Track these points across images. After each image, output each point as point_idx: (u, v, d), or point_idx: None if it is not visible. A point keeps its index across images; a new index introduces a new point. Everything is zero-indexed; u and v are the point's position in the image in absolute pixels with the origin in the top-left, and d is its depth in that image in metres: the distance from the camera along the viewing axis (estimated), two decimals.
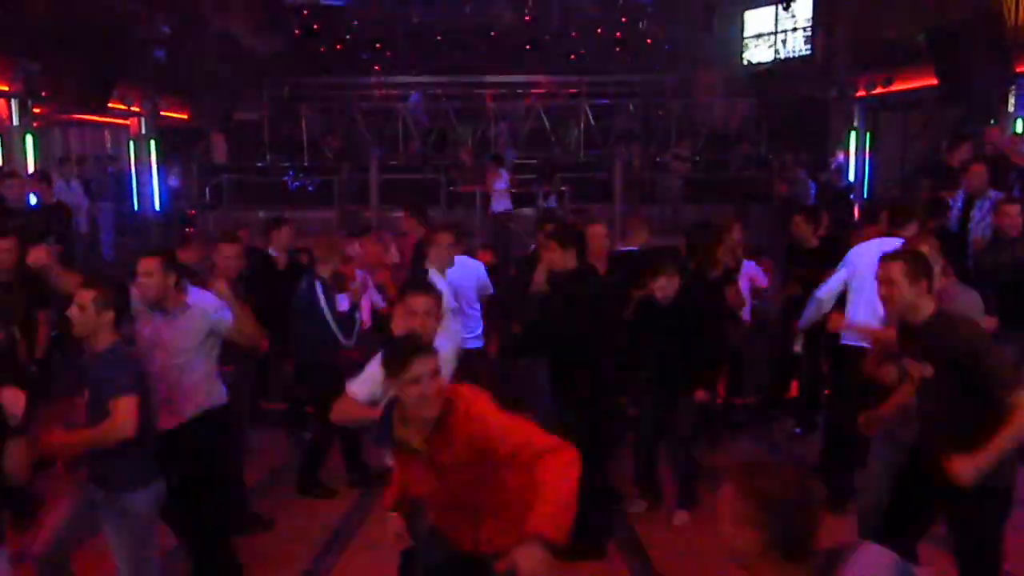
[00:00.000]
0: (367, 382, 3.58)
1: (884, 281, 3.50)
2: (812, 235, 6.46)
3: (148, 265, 4.01)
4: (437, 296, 3.77)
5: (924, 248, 4.01)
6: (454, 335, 4.39)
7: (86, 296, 3.51)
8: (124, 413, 3.38)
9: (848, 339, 5.26)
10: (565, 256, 4.89)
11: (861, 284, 5.07)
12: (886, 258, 3.53)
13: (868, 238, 5.56)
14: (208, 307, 4.20)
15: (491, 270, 6.43)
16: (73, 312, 3.52)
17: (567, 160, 16.87)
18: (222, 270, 5.12)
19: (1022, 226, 5.93)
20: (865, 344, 4.85)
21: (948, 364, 3.39)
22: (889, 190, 13.34)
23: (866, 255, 5.11)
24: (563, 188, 14.32)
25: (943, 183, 7.77)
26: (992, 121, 10.84)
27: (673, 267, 5.20)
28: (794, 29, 17.61)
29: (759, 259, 7.22)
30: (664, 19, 20.64)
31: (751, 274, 6.81)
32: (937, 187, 8.01)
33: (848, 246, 5.65)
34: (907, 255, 3.55)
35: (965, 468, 3.22)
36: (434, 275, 5.19)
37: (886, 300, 3.53)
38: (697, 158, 16.66)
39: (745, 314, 6.59)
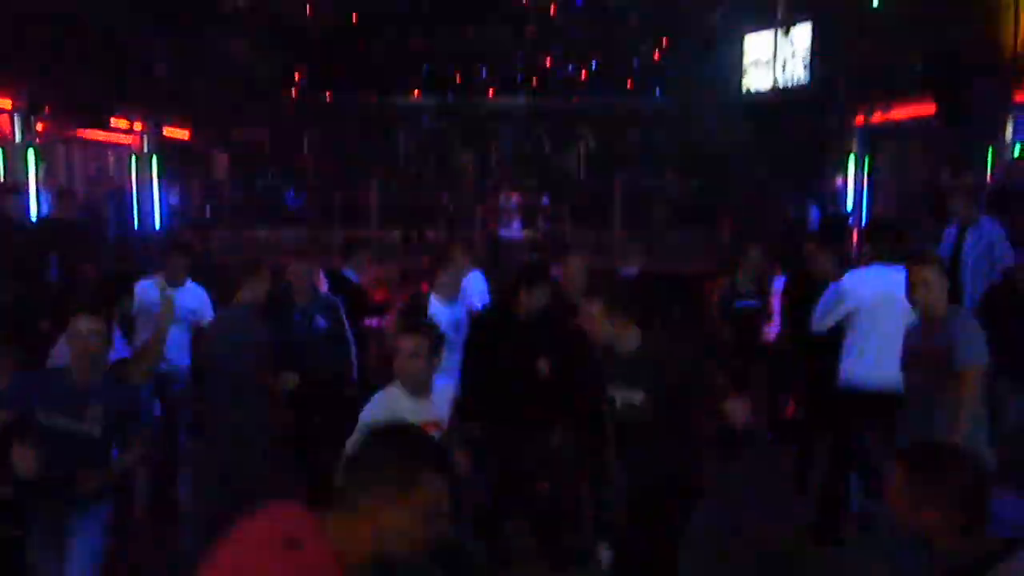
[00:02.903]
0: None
1: (587, 321, 3.82)
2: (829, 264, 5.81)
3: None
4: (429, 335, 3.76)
5: (928, 273, 4.03)
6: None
7: (83, 323, 3.62)
8: (141, 449, 3.73)
9: (848, 379, 5.00)
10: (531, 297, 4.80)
11: (870, 323, 4.89)
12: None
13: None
14: None
15: None
16: (94, 340, 3.61)
17: (568, 183, 16.97)
18: None
19: None
20: (867, 388, 4.81)
21: (659, 392, 3.64)
22: (887, 215, 13.40)
23: (871, 286, 4.96)
24: (560, 210, 14.40)
25: (942, 210, 7.82)
26: (990, 147, 10.91)
27: None
28: (793, 56, 17.74)
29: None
30: (664, 45, 20.80)
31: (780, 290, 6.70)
32: (937, 214, 8.07)
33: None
34: (604, 296, 3.83)
35: None
36: (436, 304, 5.18)
37: (597, 338, 3.85)
38: (697, 183, 16.74)
39: (773, 332, 6.58)
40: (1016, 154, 10.61)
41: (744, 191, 16.19)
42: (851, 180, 15.25)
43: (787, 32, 16.93)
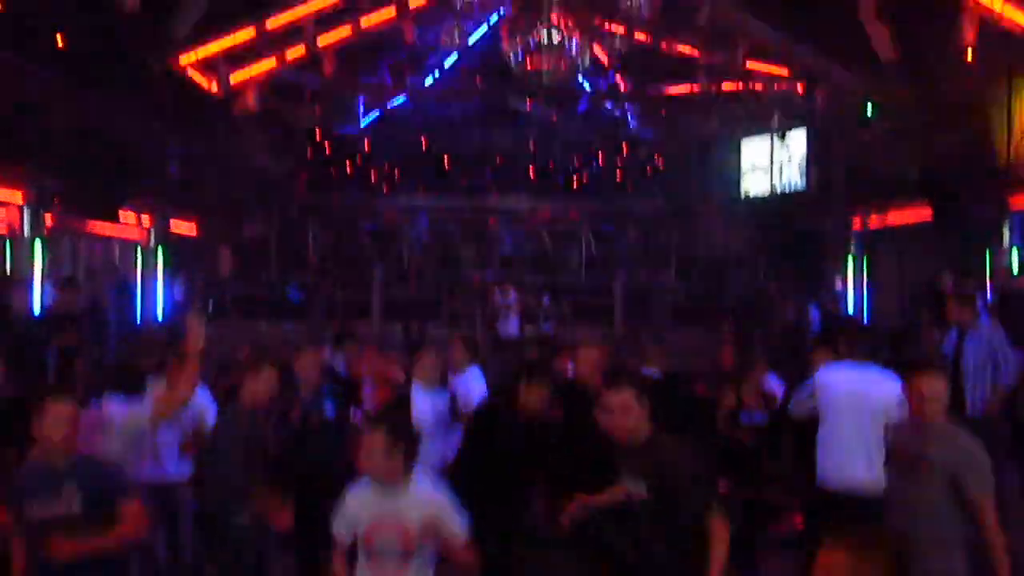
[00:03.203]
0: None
1: (617, 409, 3.67)
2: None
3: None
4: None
5: (936, 384, 3.99)
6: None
7: (70, 409, 3.65)
8: (136, 516, 3.58)
9: (825, 481, 5.04)
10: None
11: (838, 421, 4.94)
12: (613, 387, 3.72)
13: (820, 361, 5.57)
14: None
15: None
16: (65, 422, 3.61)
17: (569, 282, 17.10)
18: None
19: None
20: (835, 488, 4.79)
21: (661, 484, 3.59)
22: (888, 320, 13.45)
23: (842, 384, 5.05)
24: (561, 309, 14.48)
25: (943, 315, 7.86)
26: (987, 253, 11.03)
27: None
28: (789, 161, 18.11)
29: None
30: (663, 149, 21.32)
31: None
32: (936, 317, 8.11)
33: None
34: (634, 381, 3.77)
35: None
36: (418, 390, 5.20)
37: (616, 427, 3.69)
38: (696, 283, 16.89)
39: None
40: (1016, 270, 10.72)
41: (744, 292, 16.28)
42: (850, 283, 15.36)
43: (783, 138, 17.34)
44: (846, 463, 4.80)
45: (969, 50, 10.62)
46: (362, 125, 21.31)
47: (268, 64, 14.68)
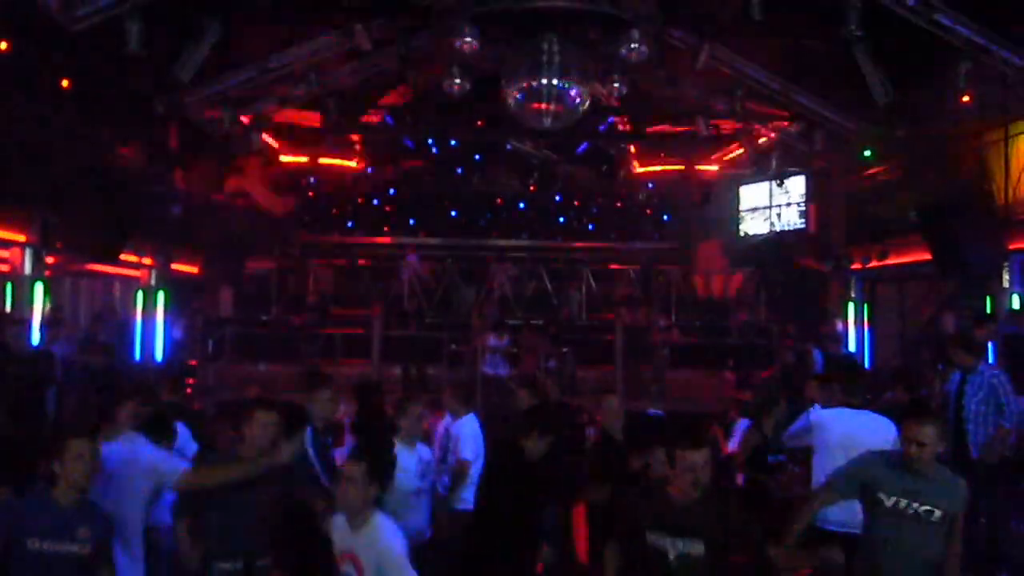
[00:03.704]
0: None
1: (699, 467, 3.74)
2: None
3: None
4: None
5: (929, 431, 4.01)
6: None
7: (91, 447, 3.71)
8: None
9: (828, 524, 5.04)
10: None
11: (831, 463, 4.94)
12: (694, 446, 3.79)
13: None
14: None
15: None
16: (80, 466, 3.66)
17: (569, 323, 17.09)
18: None
19: None
20: (848, 530, 4.78)
21: (719, 543, 3.68)
22: (889, 361, 13.42)
23: (837, 426, 5.16)
24: (564, 349, 14.44)
25: (943, 355, 7.84)
26: (988, 297, 11.01)
27: None
28: (788, 204, 18.19)
29: None
30: (662, 192, 21.46)
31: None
32: (937, 358, 8.10)
33: None
34: (708, 440, 4.00)
35: None
36: (401, 447, 5.07)
37: (692, 485, 3.76)
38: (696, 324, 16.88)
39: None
40: (1017, 306, 10.71)
41: (744, 333, 16.26)
42: (851, 324, 15.33)
43: (781, 184, 17.45)
44: (841, 504, 4.74)
45: (965, 92, 10.69)
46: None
47: (271, 104, 14.82)
